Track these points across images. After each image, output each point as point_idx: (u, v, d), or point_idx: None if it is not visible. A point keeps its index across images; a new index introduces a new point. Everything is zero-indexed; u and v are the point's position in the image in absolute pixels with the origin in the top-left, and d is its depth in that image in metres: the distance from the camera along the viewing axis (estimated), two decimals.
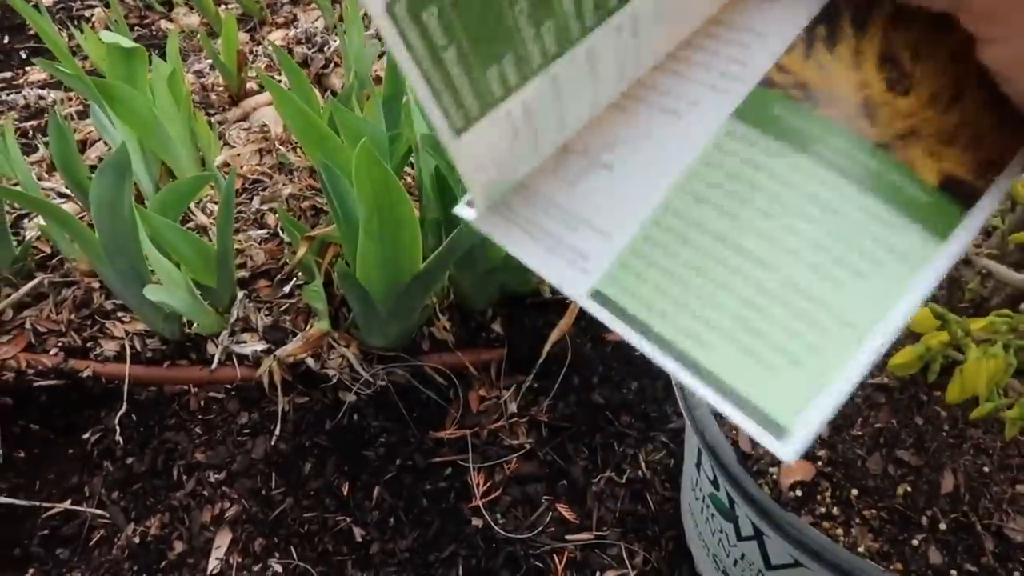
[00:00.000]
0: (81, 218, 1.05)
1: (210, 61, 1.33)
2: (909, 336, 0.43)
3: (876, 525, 0.46)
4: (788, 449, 0.20)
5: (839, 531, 0.46)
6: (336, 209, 0.71)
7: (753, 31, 0.24)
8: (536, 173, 0.27)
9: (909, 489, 0.47)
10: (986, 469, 0.47)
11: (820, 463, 0.48)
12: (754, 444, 0.50)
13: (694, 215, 0.23)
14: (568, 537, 0.78)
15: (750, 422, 0.21)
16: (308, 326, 0.91)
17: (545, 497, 0.81)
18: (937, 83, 0.22)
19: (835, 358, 0.21)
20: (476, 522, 0.79)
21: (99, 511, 0.81)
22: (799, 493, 0.47)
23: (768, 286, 0.22)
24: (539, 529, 0.78)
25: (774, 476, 0.48)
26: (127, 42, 0.91)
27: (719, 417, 0.52)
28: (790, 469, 0.48)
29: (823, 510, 0.46)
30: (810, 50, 0.23)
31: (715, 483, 0.57)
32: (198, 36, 1.41)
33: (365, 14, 1.36)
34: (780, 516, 0.46)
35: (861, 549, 0.45)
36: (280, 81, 1.27)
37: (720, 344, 0.22)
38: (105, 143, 1.13)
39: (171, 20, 1.51)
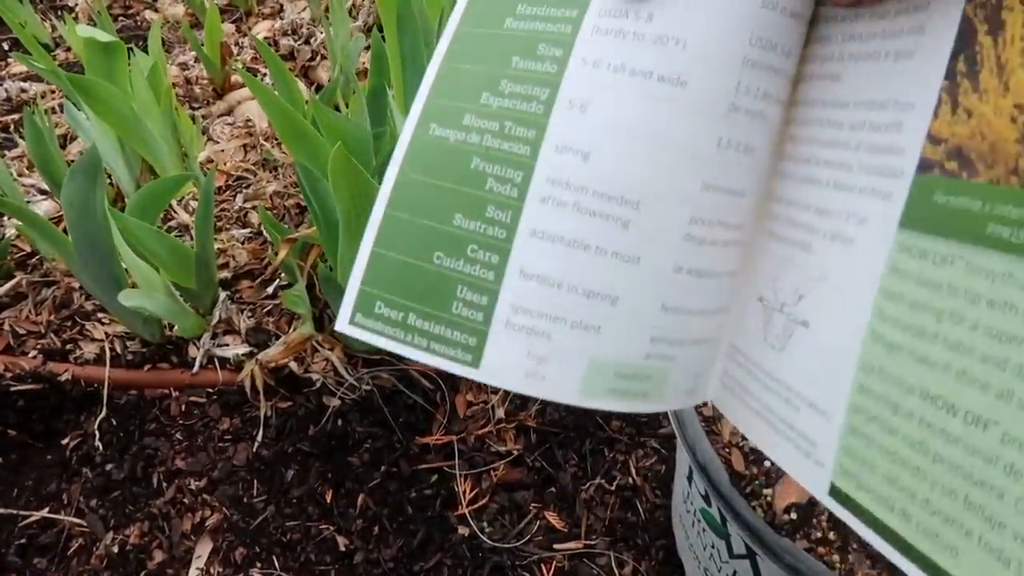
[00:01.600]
0: (60, 218, 1.02)
1: (195, 53, 1.30)
2: None
3: (874, 551, 0.44)
4: None
5: (835, 557, 0.44)
6: (316, 211, 0.69)
7: (897, 103, 0.20)
8: (744, 335, 0.25)
9: None
10: None
11: None
12: (747, 463, 0.48)
13: (892, 370, 0.19)
14: (556, 546, 0.76)
15: None
16: (292, 328, 0.89)
17: (533, 504, 0.79)
18: None
19: None
20: (462, 530, 0.77)
21: (77, 519, 0.79)
22: (794, 516, 0.45)
23: (990, 451, 0.17)
24: (527, 538, 0.76)
25: (768, 497, 0.46)
26: (104, 36, 0.88)
27: (712, 434, 0.50)
28: (785, 491, 0.46)
29: (819, 534, 0.45)
30: (955, 98, 0.18)
31: (707, 499, 0.55)
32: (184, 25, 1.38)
33: (354, 5, 1.33)
34: (774, 541, 0.44)
35: None
36: (266, 75, 1.24)
37: (963, 545, 0.18)
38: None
39: (155, 10, 1.48)
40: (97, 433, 0.84)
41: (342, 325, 0.23)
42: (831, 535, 0.44)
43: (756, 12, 0.20)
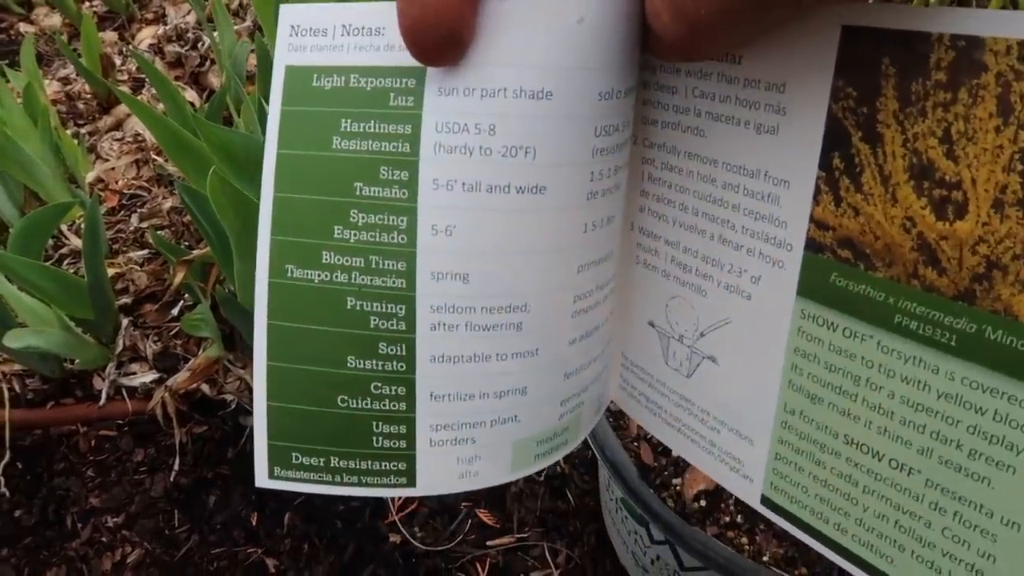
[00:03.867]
0: None
1: None
2: None
3: (780, 530, 0.45)
4: None
5: (744, 540, 0.45)
6: (207, 231, 0.66)
7: (769, 175, 0.20)
8: (639, 353, 0.26)
9: None
10: None
11: None
12: (656, 455, 0.48)
13: (817, 417, 0.21)
14: (489, 543, 0.76)
15: None
16: (201, 349, 0.86)
17: (463, 504, 0.79)
18: (994, 175, 0.16)
19: (1012, 564, 0.17)
20: (394, 538, 0.76)
21: None
22: (703, 503, 0.46)
23: (916, 491, 0.19)
24: (459, 538, 0.76)
25: (678, 487, 0.47)
26: None
27: (619, 428, 0.50)
28: (693, 479, 0.47)
29: (727, 519, 0.45)
30: (837, 192, 0.18)
31: None
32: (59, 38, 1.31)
33: (241, 5, 1.29)
34: (684, 530, 0.44)
35: (766, 557, 0.44)
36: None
37: (898, 556, 0.20)
38: None
39: (31, 22, 1.40)
40: (2, 479, 0.80)
41: (261, 482, 0.23)
42: (739, 518, 0.45)
43: (595, 106, 0.20)
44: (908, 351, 0.18)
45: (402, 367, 0.21)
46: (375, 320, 0.21)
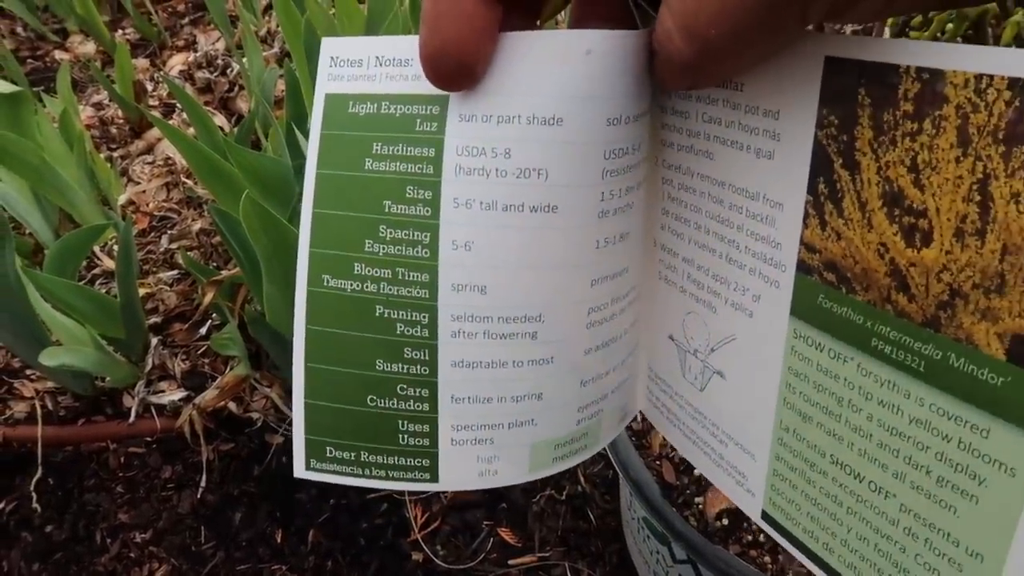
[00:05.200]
0: None
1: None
2: None
3: None
4: None
5: (767, 559, 0.45)
6: (237, 253, 0.68)
7: (767, 198, 0.21)
8: (661, 365, 0.27)
9: None
10: None
11: None
12: (678, 474, 0.49)
13: (807, 436, 0.22)
14: (511, 562, 0.76)
15: None
16: (228, 367, 0.88)
17: (485, 523, 0.79)
18: (955, 205, 0.16)
19: None
20: (416, 556, 0.77)
21: None
22: (725, 521, 0.46)
23: (892, 515, 0.19)
24: (481, 557, 0.77)
25: (700, 505, 0.47)
26: (7, 87, 0.86)
27: (642, 448, 0.51)
28: (715, 498, 0.47)
29: (750, 538, 0.46)
30: (822, 216, 0.19)
31: None
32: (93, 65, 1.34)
33: (269, 32, 1.32)
34: (706, 549, 0.45)
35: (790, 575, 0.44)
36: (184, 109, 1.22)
37: None
38: None
39: (65, 49, 1.44)
40: (34, 495, 0.82)
41: (299, 472, 0.24)
42: (761, 537, 0.46)
43: (604, 131, 0.21)
44: (884, 375, 0.19)
45: (425, 371, 0.23)
46: (401, 327, 0.22)
